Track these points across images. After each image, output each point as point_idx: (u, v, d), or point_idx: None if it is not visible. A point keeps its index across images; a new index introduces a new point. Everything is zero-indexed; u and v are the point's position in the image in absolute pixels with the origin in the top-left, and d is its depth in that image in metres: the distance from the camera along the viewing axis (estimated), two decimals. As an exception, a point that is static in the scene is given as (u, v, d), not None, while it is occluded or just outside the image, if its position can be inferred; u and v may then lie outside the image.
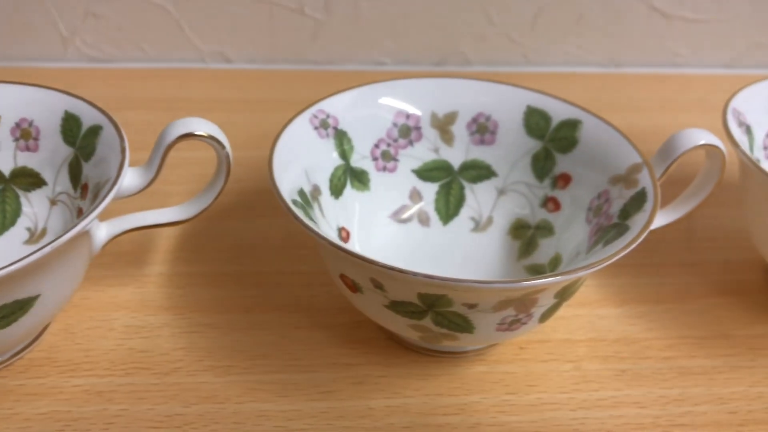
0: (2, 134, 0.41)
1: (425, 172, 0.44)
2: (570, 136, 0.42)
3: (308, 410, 0.37)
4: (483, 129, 0.43)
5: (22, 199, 0.42)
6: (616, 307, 0.43)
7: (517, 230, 0.43)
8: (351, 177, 0.42)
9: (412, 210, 0.44)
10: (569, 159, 0.42)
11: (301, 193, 0.38)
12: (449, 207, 0.44)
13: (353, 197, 0.42)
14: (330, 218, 0.40)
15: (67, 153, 0.40)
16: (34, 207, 0.41)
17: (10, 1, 0.58)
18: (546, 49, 0.63)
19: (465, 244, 0.43)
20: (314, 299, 0.42)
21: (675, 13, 0.61)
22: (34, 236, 0.41)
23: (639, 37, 0.63)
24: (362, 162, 0.42)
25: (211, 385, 0.37)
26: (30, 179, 0.41)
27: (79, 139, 0.39)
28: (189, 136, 0.37)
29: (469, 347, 0.39)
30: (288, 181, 0.37)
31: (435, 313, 0.34)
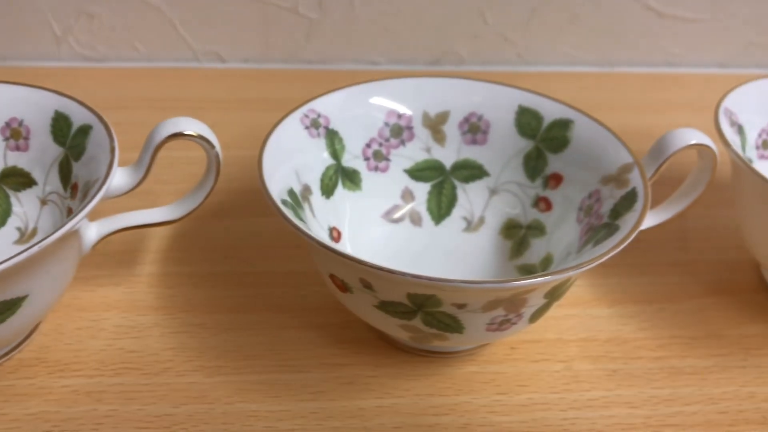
0: (-8, 134, 0.41)
1: (417, 172, 0.44)
2: (561, 136, 0.42)
3: (298, 410, 0.36)
4: (475, 129, 0.43)
5: (13, 199, 0.41)
6: (607, 307, 0.43)
7: (509, 230, 0.43)
8: (342, 177, 0.42)
9: (404, 210, 0.44)
10: (561, 159, 0.42)
11: (291, 193, 0.38)
12: (441, 207, 0.44)
13: (345, 197, 0.42)
14: (321, 218, 0.40)
15: (57, 152, 0.40)
16: (24, 207, 0.41)
17: (3, 0, 0.58)
18: (540, 49, 0.63)
19: (457, 244, 0.43)
20: (304, 299, 0.42)
21: (669, 13, 0.61)
22: (25, 236, 0.41)
23: (633, 37, 0.63)
24: (354, 162, 0.42)
25: (201, 385, 0.37)
26: (20, 179, 0.41)
27: (69, 138, 0.39)
28: (178, 136, 0.37)
29: (460, 347, 0.39)
30: (278, 181, 0.37)
31: (424, 313, 0.34)
